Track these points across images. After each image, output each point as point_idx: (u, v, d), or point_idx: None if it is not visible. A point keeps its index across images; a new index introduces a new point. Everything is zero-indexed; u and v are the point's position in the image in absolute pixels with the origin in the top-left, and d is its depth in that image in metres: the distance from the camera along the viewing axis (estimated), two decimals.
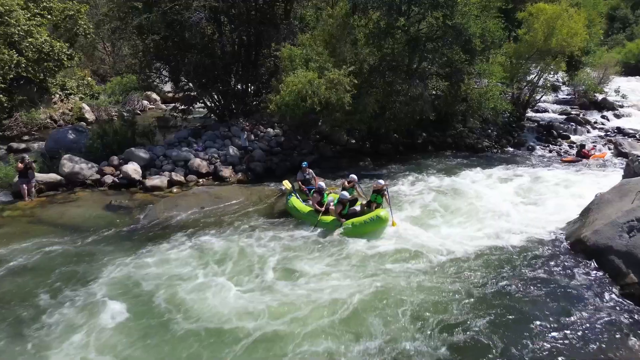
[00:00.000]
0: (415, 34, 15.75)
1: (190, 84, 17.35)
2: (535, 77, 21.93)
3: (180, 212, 11.31)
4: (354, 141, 17.77)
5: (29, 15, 18.16)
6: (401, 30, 15.59)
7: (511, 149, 19.24)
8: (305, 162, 12.21)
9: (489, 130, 20.11)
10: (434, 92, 17.93)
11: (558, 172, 15.12)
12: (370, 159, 16.59)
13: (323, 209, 10.29)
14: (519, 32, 19.45)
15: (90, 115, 22.94)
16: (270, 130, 17.40)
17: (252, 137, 16.68)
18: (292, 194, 11.47)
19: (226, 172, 14.43)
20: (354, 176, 11.27)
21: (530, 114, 24.10)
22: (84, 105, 22.96)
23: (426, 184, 13.65)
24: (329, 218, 10.22)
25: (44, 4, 19.32)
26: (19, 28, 17.16)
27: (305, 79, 13.85)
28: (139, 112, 25.96)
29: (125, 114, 21.40)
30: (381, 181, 10.44)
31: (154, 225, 10.60)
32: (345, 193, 10.55)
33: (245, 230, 10.29)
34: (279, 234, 10.02)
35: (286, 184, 12.01)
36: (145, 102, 27.44)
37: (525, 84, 22.25)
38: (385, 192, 10.38)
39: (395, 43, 15.73)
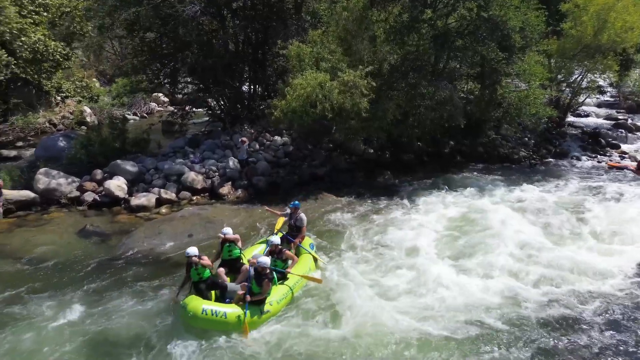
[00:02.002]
0: (444, 29, 13.60)
1: (190, 86, 15.63)
2: (578, 77, 19.39)
3: (162, 241, 9.56)
4: (372, 151, 15.74)
5: (25, 13, 16.88)
6: (427, 24, 13.47)
7: (552, 160, 16.83)
8: (296, 202, 8.98)
9: (526, 139, 17.72)
10: (463, 96, 15.71)
11: (618, 191, 12.72)
12: (390, 171, 14.61)
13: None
14: (564, 27, 16.93)
15: (92, 119, 21.64)
16: (277, 138, 15.49)
17: (257, 146, 14.82)
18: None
19: (224, 188, 12.63)
20: (275, 239, 7.82)
21: (570, 118, 21.52)
22: (86, 108, 21.67)
23: (457, 208, 11.61)
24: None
25: (40, 0, 17.99)
26: (11, 26, 15.82)
27: (316, 81, 11.97)
28: (145, 115, 24.59)
29: (126, 116, 20.00)
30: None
31: (126, 262, 8.81)
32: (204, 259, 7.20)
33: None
34: None
35: (278, 226, 8.93)
36: (153, 105, 26.02)
37: (566, 85, 19.72)
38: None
39: (420, 39, 13.61)
